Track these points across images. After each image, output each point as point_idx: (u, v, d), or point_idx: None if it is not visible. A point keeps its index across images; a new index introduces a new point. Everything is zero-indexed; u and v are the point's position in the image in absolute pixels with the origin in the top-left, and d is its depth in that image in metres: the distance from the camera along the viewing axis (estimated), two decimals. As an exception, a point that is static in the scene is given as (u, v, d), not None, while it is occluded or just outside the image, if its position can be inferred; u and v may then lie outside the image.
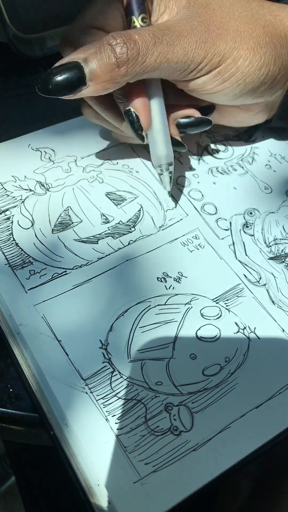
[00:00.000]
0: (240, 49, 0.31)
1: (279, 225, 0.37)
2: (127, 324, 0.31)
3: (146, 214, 0.36)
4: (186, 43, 0.30)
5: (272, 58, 0.33)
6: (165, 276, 0.33)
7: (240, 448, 0.27)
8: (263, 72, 0.33)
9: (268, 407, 0.28)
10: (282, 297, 0.33)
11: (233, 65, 0.32)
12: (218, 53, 0.31)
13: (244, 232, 0.36)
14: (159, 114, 0.33)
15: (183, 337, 0.30)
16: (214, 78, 0.32)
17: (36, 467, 0.52)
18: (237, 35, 0.32)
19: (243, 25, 0.32)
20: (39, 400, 0.28)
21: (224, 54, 0.31)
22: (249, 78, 0.33)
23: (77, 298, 0.31)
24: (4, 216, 0.35)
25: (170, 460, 0.26)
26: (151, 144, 0.34)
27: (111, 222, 0.35)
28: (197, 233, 0.35)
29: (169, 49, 0.29)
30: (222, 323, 0.31)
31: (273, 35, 0.33)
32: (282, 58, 0.33)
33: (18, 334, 0.30)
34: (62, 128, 0.40)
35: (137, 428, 0.27)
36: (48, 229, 0.34)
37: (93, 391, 0.28)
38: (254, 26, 0.32)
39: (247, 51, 0.32)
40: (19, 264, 0.32)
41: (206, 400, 0.28)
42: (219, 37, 0.31)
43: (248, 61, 0.32)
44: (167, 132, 0.34)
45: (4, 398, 0.30)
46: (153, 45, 0.29)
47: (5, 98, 0.46)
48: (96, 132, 0.40)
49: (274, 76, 0.34)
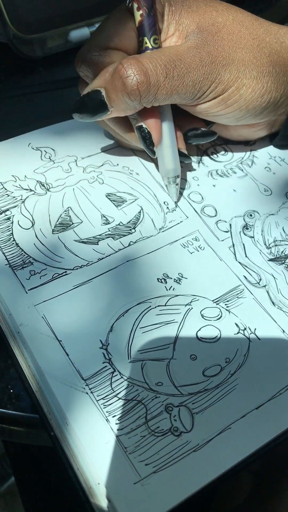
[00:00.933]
0: (243, 78, 0.33)
1: (279, 226, 0.37)
2: (127, 324, 0.31)
3: (146, 215, 0.36)
4: (195, 76, 0.32)
5: (274, 86, 0.34)
6: (166, 277, 0.33)
7: (241, 449, 0.27)
8: (265, 99, 0.34)
9: (268, 408, 0.28)
10: (282, 298, 0.33)
11: (236, 92, 0.33)
12: (222, 82, 0.32)
13: (244, 234, 0.36)
14: (168, 131, 0.35)
15: (184, 338, 0.30)
16: (218, 103, 0.34)
17: (36, 467, 0.52)
18: (241, 65, 0.33)
19: (248, 54, 0.33)
20: (39, 400, 0.28)
21: (228, 83, 0.33)
22: (252, 104, 0.34)
23: (77, 299, 0.31)
24: (5, 216, 0.35)
25: (170, 461, 0.26)
26: (160, 158, 0.36)
27: (112, 223, 0.35)
28: (197, 235, 0.35)
29: (179, 82, 0.31)
30: (223, 324, 0.31)
31: (276, 64, 0.34)
32: (284, 85, 0.35)
33: (18, 334, 0.30)
34: (62, 128, 0.40)
35: (137, 429, 0.27)
36: (48, 229, 0.34)
37: (94, 392, 0.28)
38: (259, 55, 0.33)
39: (250, 80, 0.33)
40: (20, 265, 0.32)
41: (207, 401, 0.28)
42: (224, 68, 0.32)
43: (251, 89, 0.33)
44: (175, 148, 0.36)
45: (4, 399, 0.30)
46: (164, 78, 0.31)
47: (5, 98, 0.46)
48: (97, 132, 0.40)
49: (276, 101, 0.35)
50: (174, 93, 0.31)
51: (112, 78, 0.31)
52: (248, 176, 0.39)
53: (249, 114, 0.35)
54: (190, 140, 0.37)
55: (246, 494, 0.41)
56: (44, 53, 0.48)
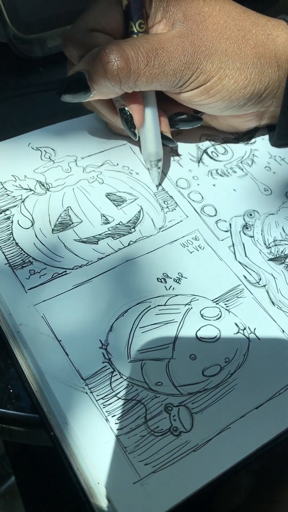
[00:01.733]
0: (226, 68, 0.33)
1: (278, 226, 0.37)
2: (127, 324, 0.31)
3: (146, 215, 0.36)
4: (176, 65, 0.32)
5: (258, 78, 0.34)
6: (165, 277, 0.33)
7: (240, 448, 0.27)
8: (248, 91, 0.34)
9: (268, 408, 0.28)
10: (282, 298, 0.33)
11: (218, 82, 0.33)
12: (204, 72, 0.33)
13: (244, 233, 0.36)
14: (151, 114, 0.35)
15: (183, 338, 0.30)
16: (200, 93, 0.34)
17: (36, 467, 0.52)
18: (225, 55, 0.33)
19: (232, 45, 0.33)
20: (39, 400, 0.28)
21: (210, 73, 0.33)
22: (235, 95, 0.34)
23: (77, 298, 0.31)
24: (4, 215, 0.35)
25: (170, 460, 0.26)
26: (143, 141, 0.37)
27: (111, 223, 0.35)
28: (197, 235, 0.35)
29: (160, 70, 0.32)
30: (222, 324, 0.31)
31: (261, 56, 0.34)
32: (268, 77, 0.35)
33: (18, 333, 0.30)
34: (62, 128, 0.40)
35: (137, 429, 0.27)
36: (48, 229, 0.34)
37: (93, 391, 0.28)
38: (243, 47, 0.33)
39: (233, 71, 0.33)
40: (19, 264, 0.32)
41: (206, 401, 0.28)
42: (207, 58, 0.33)
43: (233, 80, 0.34)
44: (158, 131, 0.36)
45: (4, 399, 0.30)
46: (145, 65, 0.31)
47: (5, 98, 0.46)
48: (96, 132, 0.40)
49: (259, 94, 0.35)
50: (155, 80, 0.32)
51: (95, 62, 0.31)
52: (248, 175, 0.39)
53: (232, 104, 0.35)
54: (176, 125, 0.37)
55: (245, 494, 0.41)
56: (44, 53, 0.48)
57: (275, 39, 0.35)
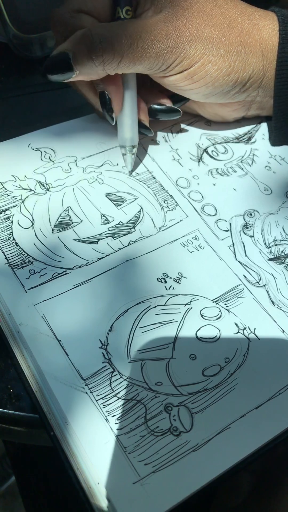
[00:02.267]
0: (210, 54, 0.33)
1: (279, 226, 0.37)
2: (127, 324, 0.31)
3: (146, 215, 0.36)
4: (159, 48, 0.32)
5: (242, 66, 0.35)
6: (165, 277, 0.33)
7: (240, 448, 0.27)
8: (232, 78, 0.35)
9: (267, 408, 0.28)
10: (282, 298, 0.33)
11: (202, 68, 0.34)
12: (188, 57, 0.33)
13: (244, 233, 0.36)
14: (130, 100, 0.36)
15: (183, 338, 0.30)
16: (184, 78, 0.34)
17: (36, 467, 0.52)
18: (209, 42, 0.33)
19: (217, 32, 0.34)
20: (39, 400, 0.28)
21: (193, 58, 0.33)
22: (218, 82, 0.35)
23: (77, 298, 0.31)
24: (4, 215, 0.35)
25: (169, 460, 0.26)
26: (119, 126, 0.37)
27: (111, 223, 0.35)
28: (197, 234, 0.35)
29: (142, 52, 0.32)
30: (222, 324, 0.31)
31: (246, 44, 0.34)
32: (253, 66, 0.35)
33: (18, 333, 0.30)
34: (62, 128, 0.40)
35: (137, 429, 0.27)
36: (48, 229, 0.34)
37: (93, 391, 0.28)
38: (228, 34, 0.34)
39: (217, 58, 0.34)
40: (19, 264, 0.32)
41: (206, 401, 0.28)
42: (191, 43, 0.33)
43: (217, 67, 0.34)
44: (135, 118, 0.37)
45: (4, 399, 0.30)
46: (128, 47, 0.31)
47: (5, 98, 0.46)
48: (96, 133, 0.40)
49: (243, 82, 0.35)
50: (137, 63, 0.32)
51: (79, 42, 0.32)
52: (248, 175, 0.39)
53: (216, 91, 0.35)
54: (155, 115, 0.38)
55: (245, 494, 0.41)
56: (44, 53, 0.48)
57: (260, 29, 0.35)
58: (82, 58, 0.31)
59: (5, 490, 0.83)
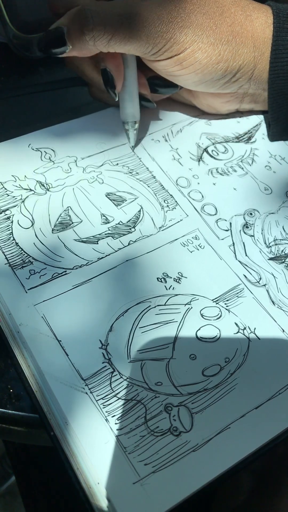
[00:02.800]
0: (200, 42, 0.34)
1: (279, 225, 0.37)
2: (127, 324, 0.31)
3: (146, 214, 0.36)
4: (149, 31, 0.33)
5: (231, 56, 0.35)
6: (165, 277, 0.33)
7: (240, 448, 0.27)
8: (221, 67, 0.35)
9: (268, 408, 0.28)
10: (282, 297, 0.33)
11: (191, 54, 0.34)
12: (177, 42, 0.33)
13: (244, 232, 0.36)
14: (131, 77, 0.37)
15: (183, 338, 0.30)
16: (174, 63, 0.35)
17: (36, 467, 0.52)
18: (199, 29, 0.34)
19: (209, 20, 0.34)
20: (39, 400, 0.28)
21: (183, 44, 0.34)
22: (207, 70, 0.35)
23: (77, 298, 0.31)
24: (4, 215, 0.35)
25: (169, 460, 0.26)
26: (121, 102, 0.38)
27: (111, 223, 0.35)
28: (197, 234, 0.35)
29: (133, 33, 0.32)
30: (222, 324, 0.31)
31: (237, 34, 0.35)
32: (243, 57, 0.35)
33: (18, 333, 0.30)
34: (62, 129, 0.40)
35: (137, 429, 0.27)
36: (48, 229, 0.34)
37: (93, 392, 0.28)
38: (219, 23, 0.34)
39: (207, 45, 0.34)
40: (19, 264, 0.32)
41: (206, 401, 0.28)
42: (181, 29, 0.33)
43: (206, 54, 0.34)
44: (137, 94, 0.38)
45: (4, 399, 0.30)
46: (119, 25, 0.32)
47: (5, 98, 0.46)
48: (96, 133, 0.40)
49: (233, 72, 0.36)
50: (128, 43, 0.33)
51: (73, 17, 0.33)
52: (249, 174, 0.39)
53: (206, 79, 0.36)
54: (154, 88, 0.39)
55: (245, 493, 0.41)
56: (44, 53, 0.48)
57: (253, 20, 0.35)
58: (75, 32, 0.32)
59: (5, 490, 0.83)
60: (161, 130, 0.41)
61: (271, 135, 0.41)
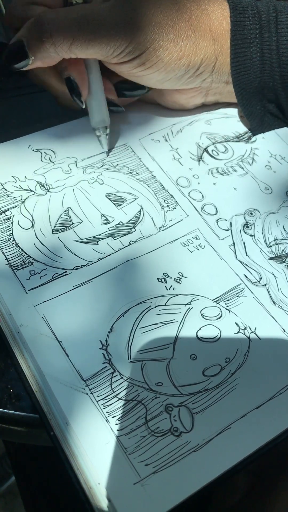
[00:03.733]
0: (160, 40, 0.34)
1: (279, 225, 0.36)
2: (127, 324, 0.31)
3: (146, 214, 0.36)
4: (108, 33, 0.33)
5: (193, 50, 0.35)
6: (166, 277, 0.33)
7: (241, 448, 0.27)
8: (183, 62, 0.35)
9: (268, 408, 0.28)
10: (283, 297, 0.33)
11: (153, 53, 0.34)
12: (139, 42, 0.33)
13: (245, 232, 0.36)
14: (95, 82, 0.37)
15: (184, 338, 0.30)
16: (137, 64, 0.35)
17: (36, 467, 0.52)
18: (159, 27, 0.34)
19: (166, 18, 0.34)
20: (39, 400, 0.28)
21: (145, 44, 0.34)
22: (170, 67, 0.35)
23: (77, 299, 0.31)
24: (5, 216, 0.35)
25: (170, 461, 0.26)
26: (89, 109, 0.38)
27: (111, 223, 0.35)
28: (198, 234, 0.35)
29: (93, 35, 0.33)
30: (223, 324, 0.31)
31: (196, 29, 0.35)
32: (204, 50, 0.35)
33: (18, 334, 0.30)
34: (62, 130, 0.40)
35: (137, 429, 0.27)
36: (48, 229, 0.34)
37: (94, 392, 0.28)
38: (177, 19, 0.34)
39: (167, 42, 0.34)
40: (20, 265, 0.32)
41: (207, 401, 0.28)
42: (140, 29, 0.33)
43: (168, 52, 0.34)
44: (103, 99, 0.38)
45: (4, 399, 0.30)
46: (78, 29, 0.32)
47: (5, 98, 0.46)
48: (96, 132, 0.40)
49: (196, 66, 0.36)
50: (89, 46, 0.33)
51: (31, 27, 0.33)
52: (249, 174, 0.39)
53: (169, 76, 0.36)
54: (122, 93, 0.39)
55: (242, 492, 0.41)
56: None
57: (210, 14, 0.35)
58: (35, 42, 0.32)
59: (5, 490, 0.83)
60: (161, 130, 0.41)
61: (252, 130, 0.41)
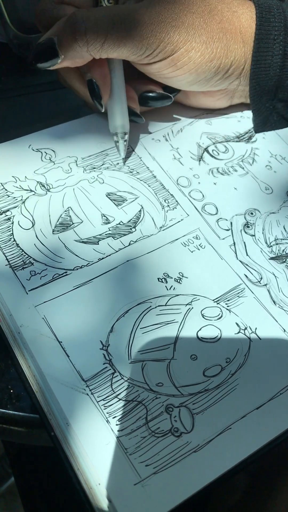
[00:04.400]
0: (193, 41, 0.34)
1: (280, 225, 0.36)
2: (127, 325, 0.30)
3: (146, 214, 0.36)
4: (141, 31, 0.33)
5: (224, 52, 0.35)
6: (166, 277, 0.33)
7: (241, 449, 0.27)
8: (214, 64, 0.35)
9: (269, 408, 0.28)
10: (283, 297, 0.33)
11: (185, 54, 0.34)
12: (171, 42, 0.33)
13: (245, 232, 0.36)
14: (118, 87, 0.37)
15: (184, 338, 0.30)
16: (168, 64, 0.35)
17: (36, 467, 0.52)
18: (191, 28, 0.34)
19: (199, 19, 0.34)
20: (39, 401, 0.28)
21: (177, 44, 0.34)
22: (201, 68, 0.35)
23: (77, 299, 0.31)
24: (5, 216, 0.35)
25: (170, 461, 0.26)
26: (109, 113, 0.37)
27: (112, 223, 0.35)
28: (198, 234, 0.35)
29: (126, 33, 0.32)
30: (223, 324, 0.31)
31: (227, 31, 0.35)
32: (234, 53, 0.36)
33: (18, 334, 0.30)
34: (62, 129, 0.40)
35: (137, 430, 0.27)
36: (48, 229, 0.34)
37: (94, 393, 0.28)
38: (209, 21, 0.34)
39: (200, 44, 0.34)
40: (20, 265, 0.32)
41: (207, 401, 0.28)
42: (174, 29, 0.33)
43: (199, 53, 0.34)
44: (125, 104, 0.37)
45: (4, 399, 0.30)
46: (112, 28, 0.32)
47: (5, 98, 0.46)
48: (96, 133, 0.40)
49: (226, 68, 0.36)
50: (121, 45, 0.33)
51: (64, 25, 0.32)
52: (249, 174, 0.39)
53: (199, 78, 0.36)
54: (146, 103, 0.38)
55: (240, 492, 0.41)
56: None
57: (240, 16, 0.36)
58: (67, 40, 0.32)
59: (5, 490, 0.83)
60: (162, 130, 0.41)
61: (255, 126, 0.41)
